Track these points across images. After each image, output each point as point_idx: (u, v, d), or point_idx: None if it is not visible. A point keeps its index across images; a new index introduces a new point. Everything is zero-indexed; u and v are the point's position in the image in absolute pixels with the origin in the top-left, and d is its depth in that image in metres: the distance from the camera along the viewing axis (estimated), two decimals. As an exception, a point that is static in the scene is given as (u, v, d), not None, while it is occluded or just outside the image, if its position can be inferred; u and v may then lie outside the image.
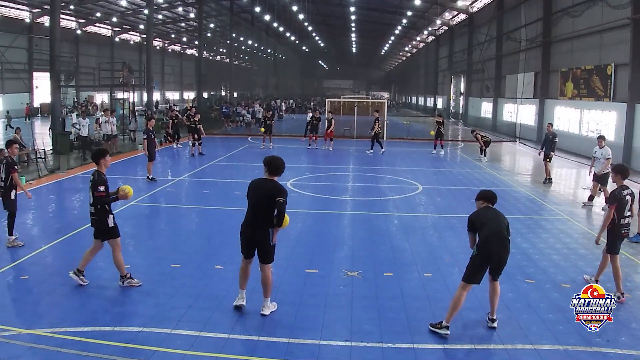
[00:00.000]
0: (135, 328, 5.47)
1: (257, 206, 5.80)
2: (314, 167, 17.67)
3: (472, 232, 5.68)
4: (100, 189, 6.33)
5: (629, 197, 6.58)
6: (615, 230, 6.55)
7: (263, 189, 5.84)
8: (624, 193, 6.55)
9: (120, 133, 22.00)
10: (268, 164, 5.95)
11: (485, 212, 5.77)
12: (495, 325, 5.73)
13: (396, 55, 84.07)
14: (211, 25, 57.52)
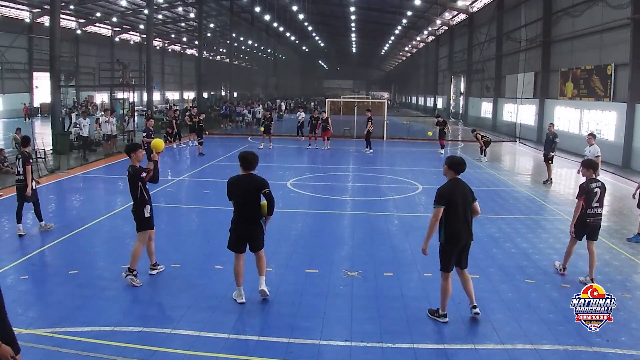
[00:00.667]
0: (135, 328, 5.47)
1: (246, 203, 6.02)
2: (314, 167, 17.67)
3: (438, 205, 5.69)
4: (142, 175, 6.65)
5: (598, 190, 6.94)
6: (582, 218, 6.96)
7: (245, 185, 6.00)
8: (592, 185, 6.95)
9: (120, 133, 21.98)
10: (242, 159, 6.04)
11: (454, 187, 5.86)
12: (478, 311, 5.84)
13: (396, 55, 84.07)
14: (211, 25, 57.54)
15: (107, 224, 9.76)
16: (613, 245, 8.87)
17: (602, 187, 7.03)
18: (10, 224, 9.65)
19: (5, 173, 14.54)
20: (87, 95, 48.39)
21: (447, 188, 5.84)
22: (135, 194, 6.68)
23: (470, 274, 7.26)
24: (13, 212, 10.58)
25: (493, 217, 10.78)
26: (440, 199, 5.70)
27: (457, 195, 5.74)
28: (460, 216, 5.71)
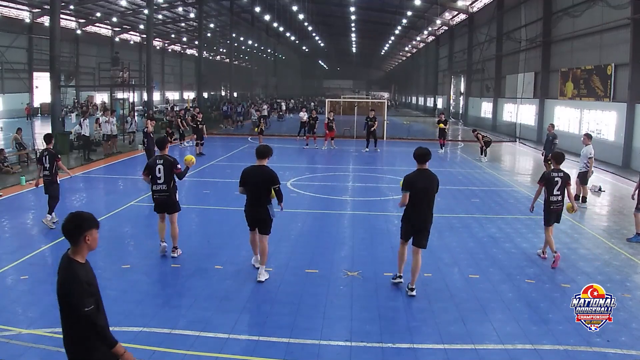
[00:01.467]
0: (135, 328, 5.47)
1: (256, 190, 6.79)
2: (314, 167, 17.67)
3: (405, 191, 6.40)
4: (178, 166, 7.60)
5: (559, 179, 7.70)
6: (546, 205, 7.77)
7: (259, 175, 6.76)
8: (552, 175, 7.75)
9: (120, 133, 21.97)
10: (256, 151, 6.96)
11: (419, 176, 6.50)
12: (414, 294, 6.43)
13: (396, 55, 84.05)
14: (211, 25, 57.55)
15: (107, 224, 9.76)
16: (613, 245, 8.88)
17: (564, 177, 7.73)
18: (10, 224, 9.66)
19: (5, 173, 14.54)
20: (88, 95, 48.39)
21: (410, 176, 6.54)
22: (170, 180, 7.57)
23: (470, 274, 7.31)
24: (13, 212, 10.62)
25: (493, 217, 10.79)
26: (405, 186, 6.45)
27: (418, 183, 6.41)
28: (418, 202, 6.40)
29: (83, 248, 3.25)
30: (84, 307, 3.12)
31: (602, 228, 10.18)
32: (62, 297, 3.18)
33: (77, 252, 3.25)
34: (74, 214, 3.27)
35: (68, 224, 3.21)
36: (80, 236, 3.21)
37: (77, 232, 3.20)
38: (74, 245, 3.24)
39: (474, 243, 8.87)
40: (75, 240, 3.22)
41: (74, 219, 3.23)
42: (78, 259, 3.25)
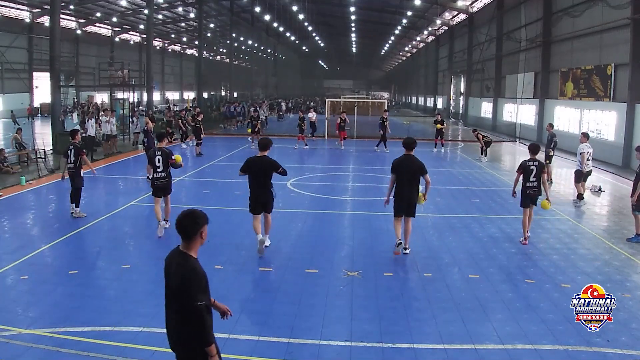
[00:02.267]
0: (135, 328, 5.47)
1: (260, 177, 7.76)
2: (314, 167, 17.67)
3: (393, 174, 7.85)
4: (173, 157, 8.96)
5: (534, 167, 8.66)
6: (523, 190, 8.82)
7: (261, 163, 7.77)
8: (529, 164, 8.71)
9: (120, 133, 21.95)
10: (259, 143, 8.04)
11: (404, 160, 7.85)
12: (408, 252, 7.94)
13: (396, 55, 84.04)
14: (211, 25, 57.55)
15: (107, 224, 9.76)
16: (613, 245, 8.87)
17: (539, 166, 8.71)
18: (10, 224, 9.67)
19: (5, 173, 14.54)
20: (88, 95, 48.39)
21: (396, 161, 7.93)
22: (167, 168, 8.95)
23: (470, 274, 7.32)
24: (13, 212, 10.62)
25: (493, 217, 10.79)
26: (392, 169, 7.91)
27: (402, 166, 7.80)
28: (403, 182, 7.78)
29: (197, 243, 3.42)
30: (197, 301, 3.24)
31: (602, 228, 10.18)
32: (181, 291, 3.28)
33: (192, 247, 3.41)
34: (190, 210, 3.40)
35: (186, 220, 3.34)
36: (197, 232, 3.36)
37: (195, 228, 3.35)
38: (189, 241, 3.38)
39: (474, 243, 8.86)
40: (191, 235, 3.36)
41: (191, 215, 3.36)
42: (192, 254, 3.42)
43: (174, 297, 3.35)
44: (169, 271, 3.43)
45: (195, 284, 3.29)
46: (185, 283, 3.28)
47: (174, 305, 3.37)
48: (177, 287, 3.30)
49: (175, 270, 3.35)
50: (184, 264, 3.34)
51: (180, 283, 3.29)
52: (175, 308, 3.36)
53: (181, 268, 3.33)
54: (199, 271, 3.34)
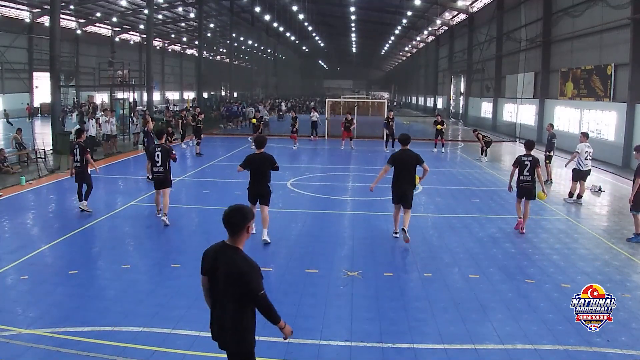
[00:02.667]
0: (135, 328, 5.47)
1: (258, 173, 8.41)
2: (314, 167, 17.67)
3: (389, 164, 8.60)
4: (174, 152, 9.82)
5: (528, 162, 9.30)
6: (517, 183, 9.46)
7: (260, 159, 8.41)
8: (523, 158, 9.37)
9: (120, 133, 21.94)
10: (256, 141, 8.64)
11: (401, 154, 8.64)
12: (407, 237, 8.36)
13: (396, 55, 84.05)
14: (211, 25, 57.54)
15: (107, 224, 9.76)
16: (613, 245, 8.87)
17: (532, 161, 9.30)
18: (10, 224, 9.67)
19: (5, 173, 14.54)
20: (88, 95, 48.41)
21: (395, 154, 8.78)
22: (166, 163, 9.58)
23: (470, 274, 7.32)
24: (13, 212, 10.63)
25: (493, 217, 10.79)
26: (389, 160, 8.67)
27: (399, 159, 8.59)
28: (401, 172, 8.54)
29: (244, 237, 3.59)
30: (261, 290, 3.48)
31: (602, 228, 10.18)
32: (244, 282, 3.47)
33: (239, 241, 3.57)
34: (238, 206, 3.58)
35: (236, 215, 3.52)
36: (244, 226, 3.54)
37: (243, 223, 3.53)
38: (237, 235, 3.55)
39: (474, 243, 8.86)
40: (239, 230, 3.54)
41: (240, 211, 3.54)
42: (241, 247, 3.58)
43: (232, 290, 3.50)
44: (216, 266, 3.57)
45: (256, 274, 3.50)
46: (247, 275, 3.47)
47: (230, 297, 3.52)
48: (238, 279, 3.47)
49: (230, 265, 3.51)
50: (238, 258, 3.52)
51: (242, 276, 3.47)
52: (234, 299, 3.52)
53: (239, 262, 3.50)
54: (255, 263, 3.55)
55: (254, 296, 3.49)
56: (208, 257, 3.68)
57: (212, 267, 3.60)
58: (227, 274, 3.51)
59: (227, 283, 3.52)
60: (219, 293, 3.58)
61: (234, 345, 3.65)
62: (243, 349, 3.67)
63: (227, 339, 3.64)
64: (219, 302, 3.61)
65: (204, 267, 3.71)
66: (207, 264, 3.66)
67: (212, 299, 3.71)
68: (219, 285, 3.57)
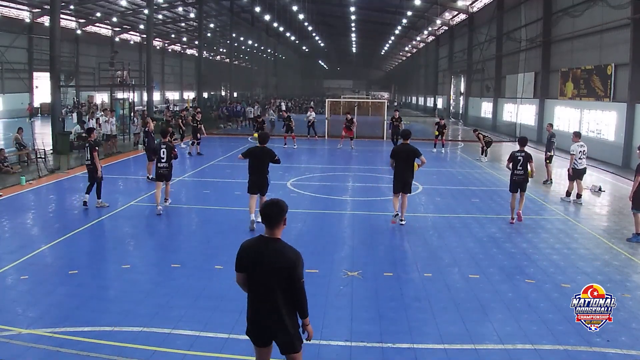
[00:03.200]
0: (135, 328, 5.47)
1: (259, 163, 9.06)
2: (314, 167, 17.67)
3: (392, 159, 9.75)
4: (175, 151, 10.73)
5: (521, 158, 9.95)
6: (511, 177, 10.13)
7: (260, 152, 9.10)
8: (516, 154, 10.01)
9: (120, 133, 21.93)
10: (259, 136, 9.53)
11: (401, 147, 9.82)
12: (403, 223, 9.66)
13: (396, 55, 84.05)
14: (211, 25, 57.52)
15: (107, 224, 9.77)
16: (613, 245, 8.88)
17: (525, 156, 9.94)
18: (10, 224, 9.67)
19: (5, 173, 14.54)
20: (88, 95, 48.41)
21: (395, 148, 10.14)
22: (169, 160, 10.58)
23: (470, 274, 7.32)
24: (13, 212, 10.64)
25: (493, 217, 10.79)
26: (392, 154, 9.85)
27: (399, 153, 9.71)
28: (401, 165, 9.61)
29: (281, 228, 3.76)
30: (302, 278, 3.67)
31: (602, 228, 10.18)
32: (291, 272, 3.61)
33: (278, 233, 3.75)
34: (276, 200, 3.78)
35: (275, 208, 3.71)
36: (282, 219, 3.73)
37: (281, 215, 3.72)
38: (275, 228, 3.72)
39: (474, 243, 8.86)
40: (278, 222, 3.72)
41: (278, 204, 3.74)
42: (280, 237, 3.75)
43: (279, 280, 3.62)
44: (260, 260, 3.66)
45: (301, 262, 3.66)
46: (294, 264, 3.62)
47: (279, 288, 3.63)
48: (287, 268, 3.61)
49: (278, 255, 3.65)
50: (284, 247, 3.70)
51: (290, 263, 3.62)
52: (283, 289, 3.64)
53: (286, 251, 3.67)
54: (298, 251, 3.71)
55: (297, 283, 3.64)
56: (248, 253, 3.74)
57: (254, 262, 3.68)
58: (274, 265, 3.63)
59: (275, 274, 3.62)
60: (263, 287, 3.67)
61: (286, 334, 3.71)
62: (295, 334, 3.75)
63: (277, 329, 3.70)
64: (264, 296, 3.67)
65: (243, 264, 3.74)
66: (247, 260, 3.72)
67: (254, 295, 3.75)
68: (263, 279, 3.66)
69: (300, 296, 3.68)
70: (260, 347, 3.83)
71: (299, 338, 3.77)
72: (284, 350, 3.77)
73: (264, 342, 3.80)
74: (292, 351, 3.75)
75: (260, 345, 3.82)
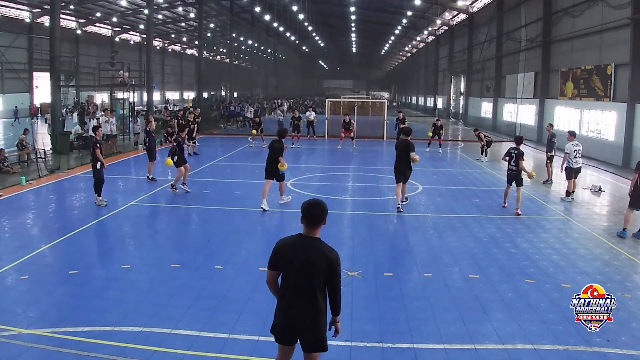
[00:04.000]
0: (135, 328, 5.47)
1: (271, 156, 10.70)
2: (314, 167, 17.66)
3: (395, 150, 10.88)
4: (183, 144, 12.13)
5: (514, 155, 10.91)
6: (507, 170, 11.26)
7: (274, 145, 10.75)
8: (511, 151, 11.06)
9: (120, 133, 21.93)
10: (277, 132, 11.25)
11: (400, 142, 10.92)
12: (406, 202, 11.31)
13: (396, 55, 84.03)
14: (211, 25, 57.51)
15: (107, 224, 9.77)
16: (613, 245, 8.88)
17: (517, 153, 10.89)
18: (10, 224, 9.67)
19: (5, 173, 14.54)
20: (88, 95, 48.40)
21: (397, 143, 11.23)
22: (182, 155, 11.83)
23: (470, 274, 7.33)
24: (13, 212, 10.64)
25: (493, 217, 10.79)
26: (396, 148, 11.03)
27: (398, 146, 10.91)
28: (399, 157, 10.79)
29: (320, 228, 3.78)
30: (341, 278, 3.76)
31: (602, 228, 10.18)
32: (332, 270, 3.67)
33: (317, 232, 3.77)
34: (319, 200, 3.80)
35: (318, 208, 3.73)
36: (324, 218, 3.76)
37: (323, 215, 3.75)
38: (316, 227, 3.75)
39: (474, 243, 8.86)
40: (319, 222, 3.74)
41: (320, 204, 3.77)
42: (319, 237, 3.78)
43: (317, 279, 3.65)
44: (300, 258, 3.68)
45: (339, 262, 3.72)
46: (335, 262, 3.68)
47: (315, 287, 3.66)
48: (328, 267, 3.65)
49: (318, 254, 3.68)
50: (324, 247, 3.73)
51: (331, 263, 3.67)
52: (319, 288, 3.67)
53: (326, 251, 3.71)
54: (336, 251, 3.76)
55: (337, 282, 3.71)
56: (287, 251, 3.75)
57: (293, 260, 3.69)
58: (315, 264, 3.65)
59: (315, 273, 3.65)
60: (300, 285, 3.69)
61: (317, 333, 3.73)
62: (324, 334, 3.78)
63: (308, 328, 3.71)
64: (300, 294, 3.69)
65: (279, 262, 3.76)
66: (285, 258, 3.73)
67: (288, 293, 3.75)
68: (301, 277, 3.68)
69: (338, 294, 3.76)
70: (286, 345, 3.84)
71: (325, 338, 3.80)
72: (310, 349, 3.79)
73: (292, 340, 3.81)
74: (320, 349, 3.79)
75: (287, 344, 3.83)
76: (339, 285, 3.74)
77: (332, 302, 3.78)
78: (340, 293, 3.77)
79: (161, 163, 17.31)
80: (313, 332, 3.72)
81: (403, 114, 23.61)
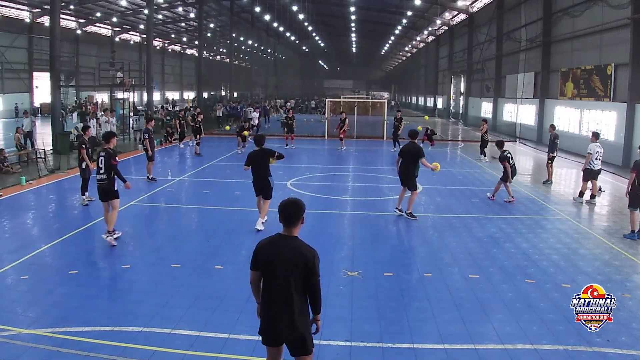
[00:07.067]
0: (135, 328, 5.47)
1: (257, 167, 9.16)
2: (314, 167, 17.66)
3: (400, 156, 10.43)
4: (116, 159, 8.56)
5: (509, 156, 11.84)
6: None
7: (257, 156, 9.16)
8: (505, 153, 11.92)
9: (120, 133, 21.95)
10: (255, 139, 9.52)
11: (407, 146, 10.40)
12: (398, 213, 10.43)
13: (396, 55, 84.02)
14: (211, 25, 57.54)
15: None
16: (613, 245, 8.88)
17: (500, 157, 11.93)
18: (10, 224, 9.67)
19: (5, 173, 14.54)
20: (88, 95, 48.39)
21: (403, 146, 10.66)
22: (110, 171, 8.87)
23: (470, 274, 7.32)
24: (13, 212, 10.64)
25: (493, 217, 10.79)
26: (399, 152, 10.57)
27: (406, 150, 10.32)
28: (405, 162, 10.27)
29: (299, 227, 3.79)
30: (319, 276, 3.75)
31: (602, 228, 10.18)
32: (309, 268, 3.69)
33: (296, 231, 3.77)
34: (295, 199, 3.82)
35: (294, 207, 3.74)
36: (301, 217, 3.76)
37: (299, 214, 3.75)
38: (293, 226, 3.76)
39: (474, 243, 8.86)
40: (296, 221, 3.75)
41: (297, 203, 3.77)
42: (297, 235, 3.78)
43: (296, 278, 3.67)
44: (277, 257, 3.70)
45: (318, 260, 3.75)
46: (311, 260, 3.70)
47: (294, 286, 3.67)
48: (304, 265, 3.67)
49: (295, 252, 3.70)
50: (301, 245, 3.75)
51: (307, 261, 3.69)
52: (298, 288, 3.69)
53: (303, 249, 3.74)
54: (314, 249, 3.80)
55: (314, 279, 3.70)
56: (265, 250, 3.76)
57: (271, 259, 3.71)
58: (292, 262, 3.67)
59: (292, 271, 3.66)
60: (279, 284, 3.69)
61: (298, 333, 3.72)
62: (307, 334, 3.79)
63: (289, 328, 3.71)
64: (279, 293, 3.69)
65: (259, 261, 3.76)
66: (264, 257, 3.74)
67: (268, 293, 3.76)
68: (279, 276, 3.68)
69: (316, 293, 3.75)
70: (272, 346, 3.84)
71: (310, 339, 3.78)
72: (295, 352, 3.77)
73: (277, 342, 3.80)
74: (304, 352, 3.76)
75: (273, 345, 3.83)
76: (318, 283, 3.73)
77: (312, 301, 3.79)
78: (319, 291, 3.76)
79: (161, 163, 17.33)
80: (293, 331, 3.70)
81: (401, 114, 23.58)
